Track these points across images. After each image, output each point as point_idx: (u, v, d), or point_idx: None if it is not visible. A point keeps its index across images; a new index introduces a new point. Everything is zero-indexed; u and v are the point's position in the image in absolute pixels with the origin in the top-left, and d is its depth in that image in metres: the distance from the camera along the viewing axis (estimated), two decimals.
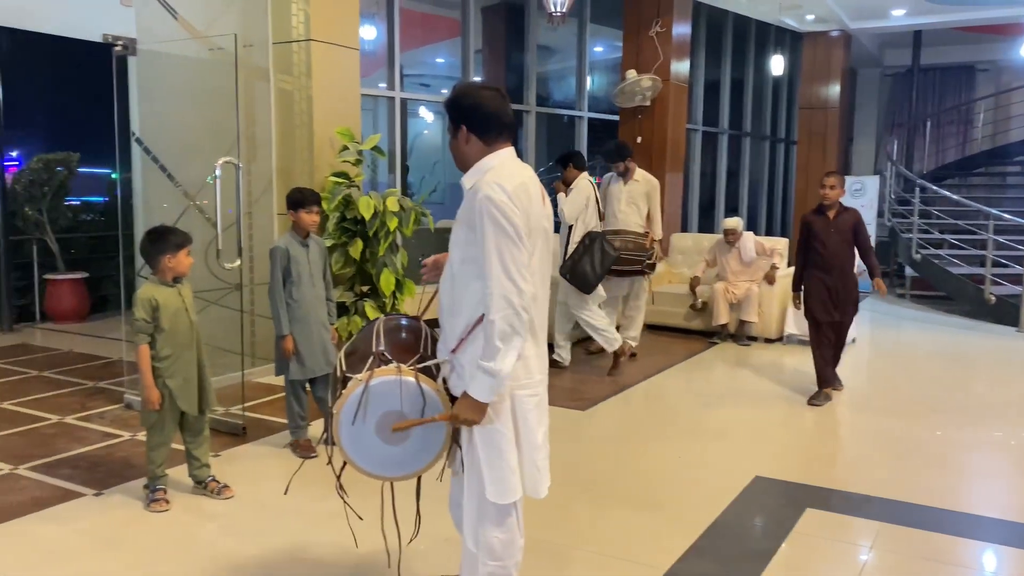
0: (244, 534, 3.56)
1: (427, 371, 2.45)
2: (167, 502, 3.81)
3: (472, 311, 2.40)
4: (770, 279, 7.77)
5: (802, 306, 5.81)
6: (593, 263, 6.23)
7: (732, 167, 13.97)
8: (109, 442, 4.74)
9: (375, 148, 6.34)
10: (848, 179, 12.31)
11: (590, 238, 6.30)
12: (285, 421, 4.71)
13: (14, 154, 8.88)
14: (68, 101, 9.08)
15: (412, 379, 2.40)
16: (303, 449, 4.51)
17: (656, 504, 3.95)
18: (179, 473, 4.05)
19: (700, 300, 8.00)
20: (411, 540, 2.83)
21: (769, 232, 14.77)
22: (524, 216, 2.34)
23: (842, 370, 6.04)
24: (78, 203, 9.87)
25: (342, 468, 2.57)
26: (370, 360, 2.45)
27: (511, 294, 2.28)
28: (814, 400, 5.70)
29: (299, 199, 4.45)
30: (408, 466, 2.50)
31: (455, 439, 2.50)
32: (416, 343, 2.57)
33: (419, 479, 2.69)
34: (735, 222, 7.93)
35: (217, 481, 3.97)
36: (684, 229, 11.49)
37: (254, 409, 5.30)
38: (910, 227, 11.27)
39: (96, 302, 9.31)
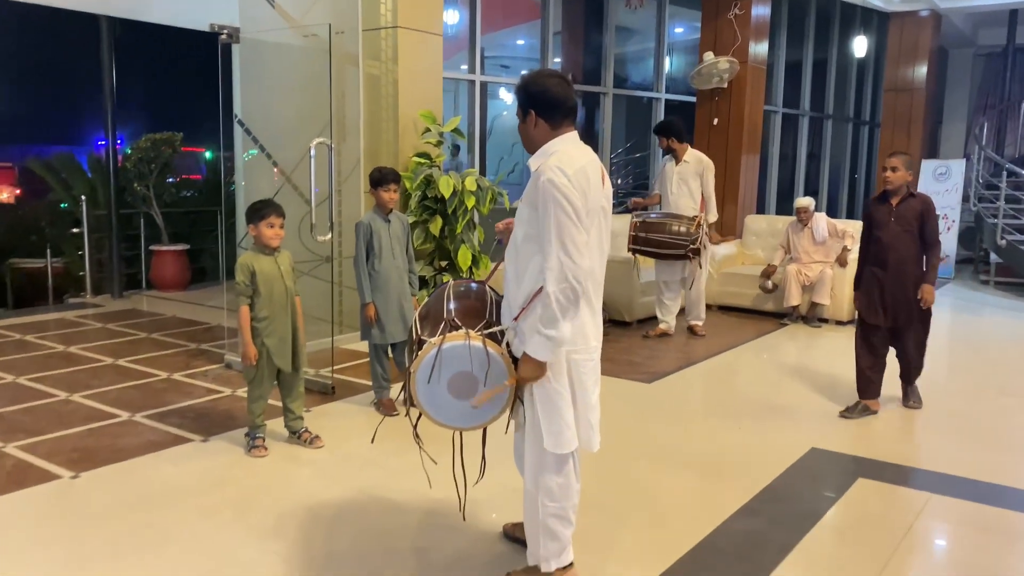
0: (333, 479, 3.96)
1: (492, 336, 2.73)
2: (266, 449, 4.25)
3: (532, 283, 2.69)
4: (842, 261, 7.79)
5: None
6: None
7: (813, 150, 13.83)
8: (212, 397, 5.23)
9: (455, 130, 6.67)
10: (933, 163, 12.08)
11: None
12: (370, 383, 5.10)
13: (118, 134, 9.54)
14: (172, 85, 9.73)
15: (479, 344, 2.67)
16: (386, 408, 4.89)
17: (711, 469, 4.18)
18: (276, 424, 4.48)
19: (771, 282, 8.08)
20: (476, 483, 3.13)
21: (850, 216, 14.56)
22: (582, 197, 2.60)
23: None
24: (180, 180, 10.59)
25: (418, 419, 2.89)
26: (442, 325, 2.76)
27: (568, 268, 2.53)
28: (846, 413, 5.06)
29: (377, 178, 4.80)
30: (477, 419, 2.79)
31: (518, 396, 2.80)
32: (483, 308, 2.87)
33: (484, 431, 3.00)
34: (807, 201, 7.99)
35: (309, 432, 4.39)
36: (761, 211, 11.50)
37: (343, 372, 5.72)
38: (996, 212, 11.01)
39: (196, 272, 9.99)
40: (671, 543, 3.31)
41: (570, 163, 2.63)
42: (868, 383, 5.11)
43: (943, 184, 11.79)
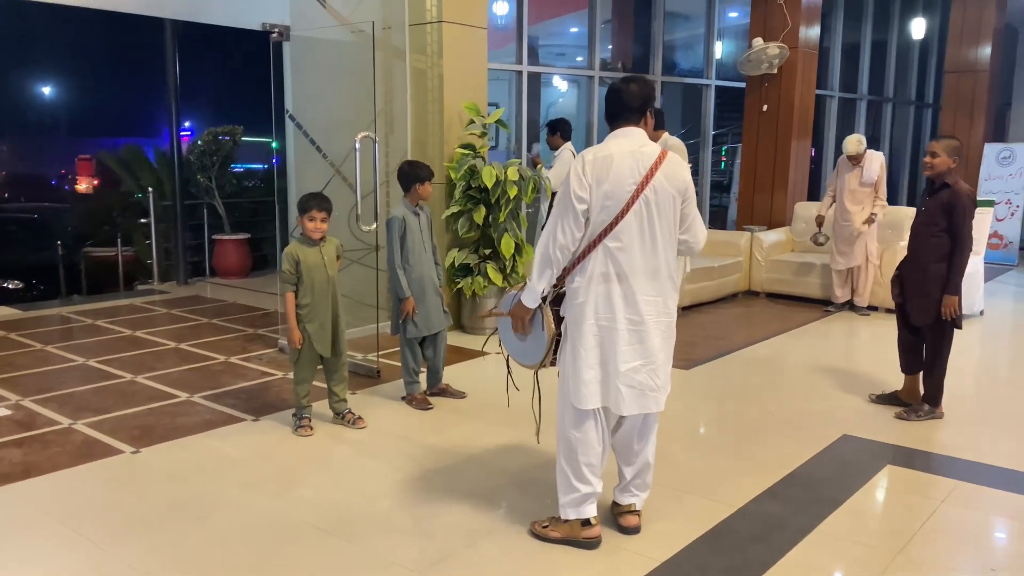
0: (371, 455, 4.18)
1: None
2: (311, 428, 4.49)
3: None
4: (868, 221, 7.53)
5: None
6: None
7: (872, 134, 13.56)
8: (264, 379, 5.51)
9: (499, 121, 6.81)
10: (997, 146, 11.73)
11: None
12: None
13: (187, 125, 9.98)
14: (232, 81, 10.14)
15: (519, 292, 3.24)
16: (419, 403, 4.95)
17: (741, 453, 4.26)
18: (322, 407, 4.72)
19: (822, 235, 7.90)
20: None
21: (911, 204, 14.22)
22: (594, 182, 2.96)
23: (963, 343, 5.49)
24: (241, 170, 11.02)
25: (508, 357, 3.46)
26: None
27: (550, 237, 3.01)
28: (877, 398, 5.13)
29: (422, 175, 4.84)
30: (530, 357, 3.31)
31: (558, 344, 3.21)
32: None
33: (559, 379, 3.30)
34: (856, 144, 7.45)
35: (353, 413, 4.62)
36: (813, 198, 11.34)
37: (388, 357, 5.93)
38: None
39: (256, 261, 10.39)
40: (690, 524, 3.42)
41: (598, 150, 3.02)
42: (902, 357, 5.01)
43: (1007, 168, 11.46)
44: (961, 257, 4.55)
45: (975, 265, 7.73)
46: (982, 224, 8.08)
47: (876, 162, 7.53)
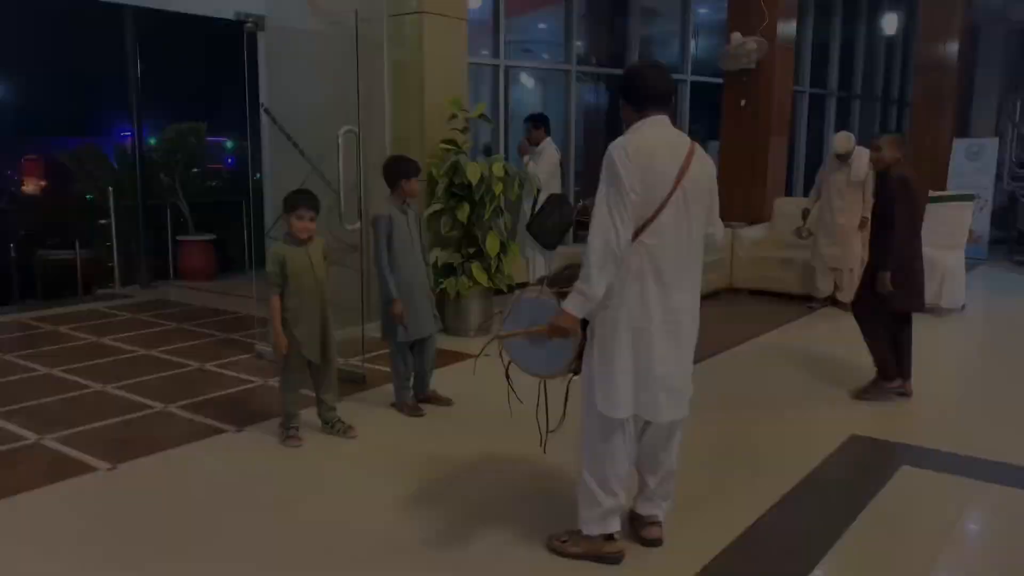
0: (369, 468, 3.95)
1: (562, 293, 2.88)
2: (300, 439, 4.23)
3: None
4: (862, 226, 7.53)
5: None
6: (553, 222, 6.56)
7: (840, 130, 13.63)
8: (244, 387, 5.24)
9: (481, 116, 6.60)
10: (965, 141, 11.84)
11: (557, 199, 6.67)
12: None
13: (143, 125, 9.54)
14: (196, 75, 9.74)
15: (547, 298, 2.92)
16: (410, 409, 4.73)
17: (752, 457, 4.12)
18: (310, 414, 4.46)
19: (806, 228, 7.78)
20: (556, 428, 3.18)
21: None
22: (638, 172, 2.70)
23: (951, 337, 5.64)
24: (204, 169, 10.61)
25: (509, 364, 3.10)
26: (534, 285, 3.12)
27: (608, 231, 2.69)
28: (864, 392, 5.07)
29: (406, 170, 4.57)
30: (548, 367, 3.01)
31: (582, 352, 2.94)
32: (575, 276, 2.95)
33: (568, 388, 3.11)
34: (847, 142, 7.37)
35: (343, 422, 4.37)
36: (788, 194, 11.33)
37: (373, 361, 5.69)
38: None
39: (222, 262, 10.01)
40: (713, 534, 3.26)
41: (636, 139, 2.77)
42: (880, 360, 5.06)
43: (975, 163, 11.56)
44: (890, 235, 4.66)
45: (956, 260, 7.73)
46: (963, 219, 8.10)
47: (865, 159, 7.47)
